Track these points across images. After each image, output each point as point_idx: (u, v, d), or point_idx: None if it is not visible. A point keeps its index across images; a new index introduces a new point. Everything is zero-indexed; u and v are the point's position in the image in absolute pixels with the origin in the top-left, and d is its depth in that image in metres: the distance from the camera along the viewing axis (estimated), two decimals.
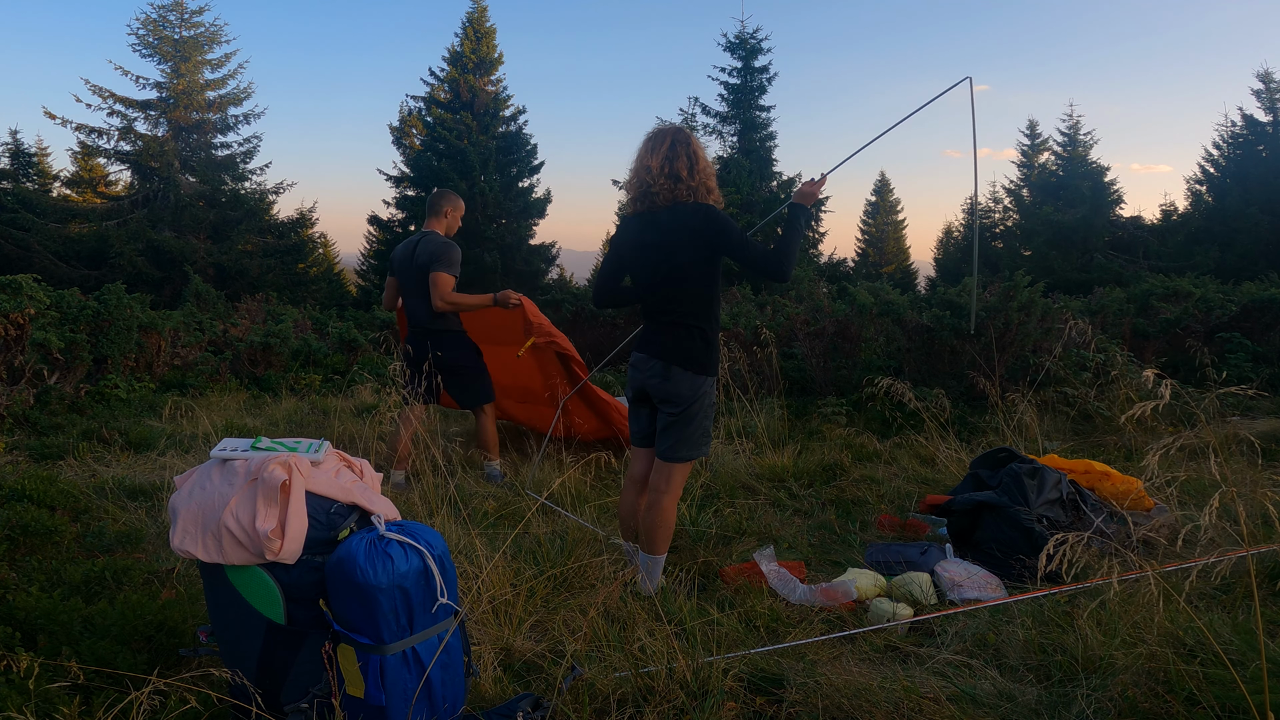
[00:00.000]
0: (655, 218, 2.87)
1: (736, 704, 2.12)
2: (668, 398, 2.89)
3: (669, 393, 2.88)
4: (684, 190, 2.85)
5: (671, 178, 2.84)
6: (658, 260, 2.87)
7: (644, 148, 2.92)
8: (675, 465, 2.91)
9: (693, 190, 2.86)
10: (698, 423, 2.91)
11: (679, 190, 2.84)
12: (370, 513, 2.01)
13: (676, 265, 2.83)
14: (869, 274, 27.39)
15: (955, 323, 6.28)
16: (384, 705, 1.86)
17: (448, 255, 4.26)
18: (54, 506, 3.35)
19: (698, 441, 2.93)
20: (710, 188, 2.90)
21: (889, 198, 41.98)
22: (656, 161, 2.85)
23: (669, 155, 2.85)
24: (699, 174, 2.87)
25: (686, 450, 2.91)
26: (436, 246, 4.29)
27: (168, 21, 20.64)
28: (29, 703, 1.90)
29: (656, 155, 2.86)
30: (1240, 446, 4.71)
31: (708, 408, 2.93)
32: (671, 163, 2.84)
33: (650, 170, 2.86)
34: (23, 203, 18.27)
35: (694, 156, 2.87)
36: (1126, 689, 2.03)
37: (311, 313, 13.03)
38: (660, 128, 2.93)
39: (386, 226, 21.94)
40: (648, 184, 2.87)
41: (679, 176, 2.84)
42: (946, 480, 4.43)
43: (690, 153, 2.86)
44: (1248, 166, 21.60)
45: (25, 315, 5.71)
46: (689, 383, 2.86)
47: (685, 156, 2.85)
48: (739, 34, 22.24)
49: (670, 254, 2.84)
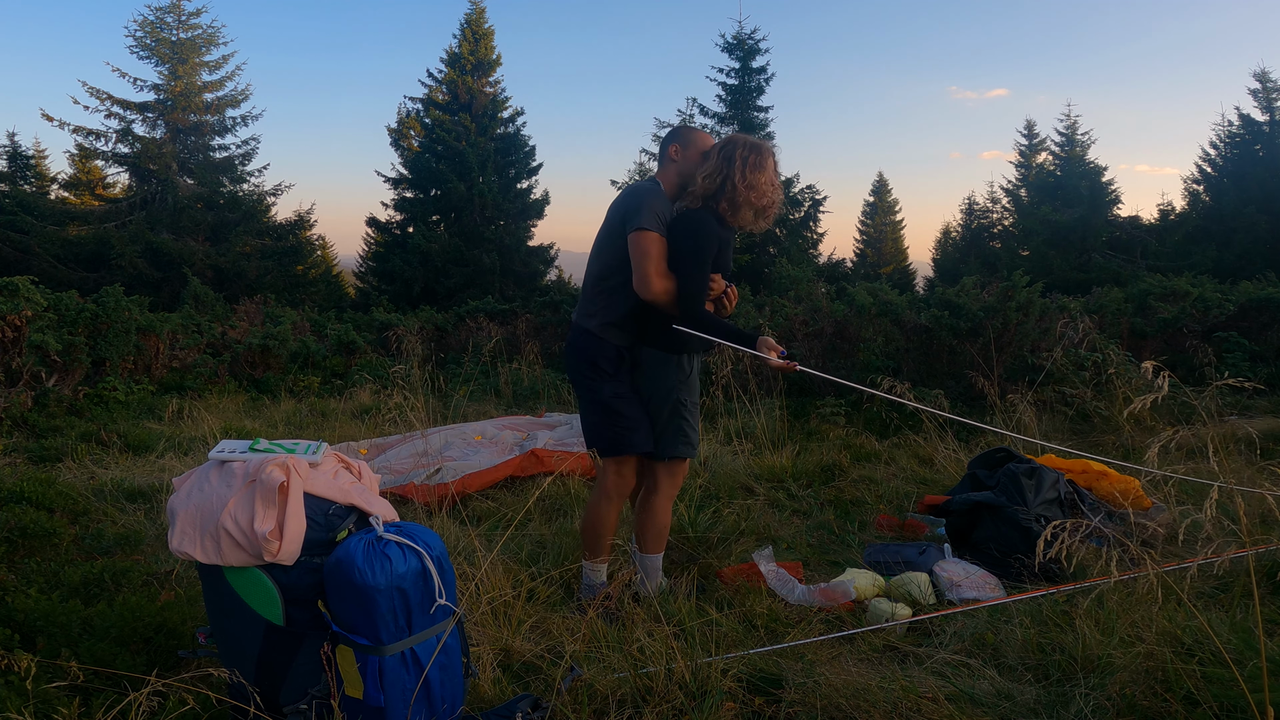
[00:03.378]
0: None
1: (735, 704, 2.12)
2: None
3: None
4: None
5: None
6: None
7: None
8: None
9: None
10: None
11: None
12: (368, 514, 2.02)
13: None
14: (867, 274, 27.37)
15: (954, 323, 6.29)
16: (382, 706, 1.86)
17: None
18: (53, 509, 3.35)
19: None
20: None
21: (887, 198, 42.01)
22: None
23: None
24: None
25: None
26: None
27: (165, 23, 20.61)
28: (28, 703, 1.90)
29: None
30: (1238, 445, 4.72)
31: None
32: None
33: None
34: (21, 205, 18.25)
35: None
36: (1125, 688, 2.03)
37: (310, 315, 13.02)
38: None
39: (385, 228, 21.92)
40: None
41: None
42: (945, 480, 4.43)
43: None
44: (1245, 166, 21.63)
45: (22, 317, 5.71)
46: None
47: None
48: (737, 34, 22.24)
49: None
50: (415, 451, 4.79)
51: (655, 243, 2.71)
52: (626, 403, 2.82)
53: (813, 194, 22.15)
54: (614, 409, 2.81)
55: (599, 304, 2.86)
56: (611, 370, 2.83)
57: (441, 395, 7.08)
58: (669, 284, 2.72)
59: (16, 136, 20.75)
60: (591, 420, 2.88)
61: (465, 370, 8.50)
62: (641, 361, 2.84)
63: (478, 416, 6.44)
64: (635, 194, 2.82)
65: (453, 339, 10.82)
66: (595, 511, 2.86)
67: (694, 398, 2.91)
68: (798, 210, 21.96)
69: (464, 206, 20.16)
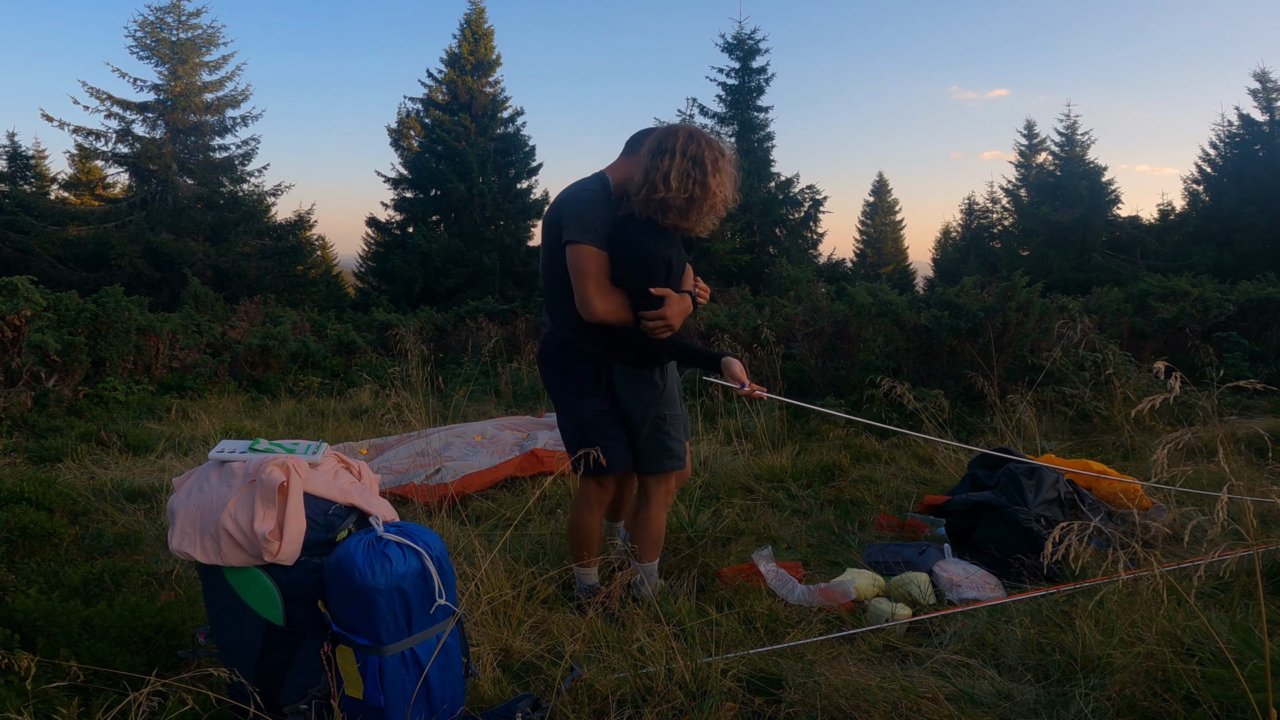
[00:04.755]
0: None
1: (735, 704, 2.12)
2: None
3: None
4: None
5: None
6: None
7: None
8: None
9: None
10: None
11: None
12: (368, 514, 2.01)
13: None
14: (867, 274, 27.42)
15: (954, 323, 6.29)
16: (382, 706, 1.86)
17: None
18: (52, 509, 3.35)
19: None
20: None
21: (887, 198, 42.05)
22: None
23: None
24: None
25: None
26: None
27: (165, 24, 20.64)
28: (28, 703, 1.90)
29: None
30: (1239, 445, 4.72)
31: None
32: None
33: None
34: (21, 205, 18.28)
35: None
36: (1125, 688, 2.03)
37: (310, 315, 13.03)
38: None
39: (385, 228, 21.93)
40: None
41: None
42: (945, 480, 4.43)
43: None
44: (1245, 166, 21.65)
45: (22, 317, 5.71)
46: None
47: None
48: (737, 34, 22.26)
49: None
50: (415, 451, 4.79)
51: (591, 258, 2.51)
52: (607, 420, 2.71)
53: (813, 194, 22.18)
54: (594, 427, 2.69)
55: (563, 309, 2.69)
56: (590, 382, 2.72)
57: (441, 395, 7.08)
58: (613, 303, 2.54)
59: (16, 136, 20.83)
60: (570, 429, 2.77)
61: (465, 370, 8.50)
62: (615, 377, 2.73)
63: (477, 417, 6.44)
64: (565, 199, 2.64)
65: (452, 339, 10.82)
66: (577, 520, 2.83)
67: (674, 409, 2.80)
68: (798, 210, 21.98)
69: (464, 207, 20.18)
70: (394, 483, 4.19)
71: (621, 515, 3.22)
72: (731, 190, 2.60)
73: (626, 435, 2.76)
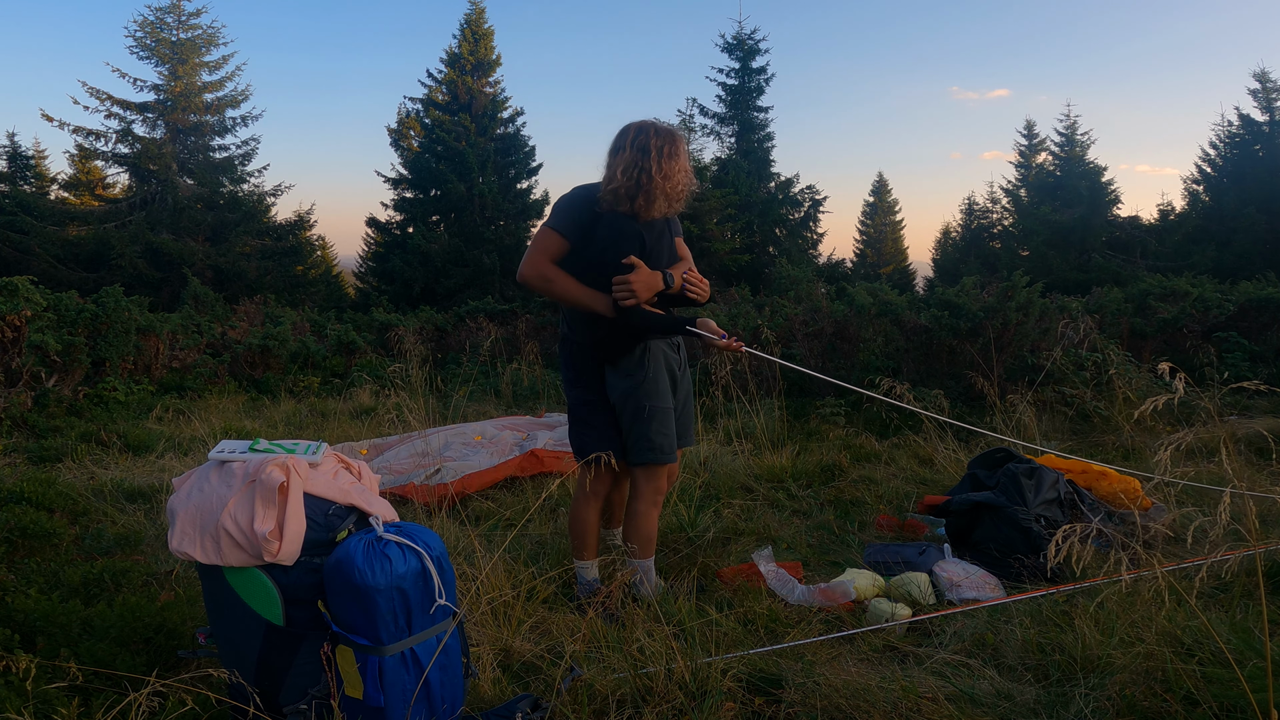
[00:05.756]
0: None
1: (735, 704, 2.12)
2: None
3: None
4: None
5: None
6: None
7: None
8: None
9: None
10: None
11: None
12: (368, 514, 2.02)
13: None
14: (867, 274, 27.40)
15: (954, 323, 6.29)
16: (382, 706, 1.86)
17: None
18: (52, 509, 3.35)
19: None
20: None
21: (887, 198, 42.04)
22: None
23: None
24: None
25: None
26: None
27: (165, 24, 20.61)
28: (28, 703, 1.90)
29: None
30: (1239, 445, 4.72)
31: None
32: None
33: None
34: (21, 206, 18.25)
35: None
36: (1125, 688, 2.03)
37: (310, 315, 13.02)
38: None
39: (385, 228, 21.92)
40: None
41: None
42: (945, 480, 4.43)
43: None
44: (1245, 166, 21.64)
45: (22, 317, 5.71)
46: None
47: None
48: (737, 35, 22.28)
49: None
50: (415, 452, 4.79)
51: (546, 236, 2.76)
52: (591, 409, 2.87)
53: (813, 194, 22.20)
54: (579, 416, 2.91)
55: (564, 306, 2.90)
56: (582, 373, 2.88)
57: (441, 395, 7.08)
58: (537, 272, 2.72)
59: (16, 136, 20.81)
60: (570, 422, 2.99)
61: (465, 370, 8.50)
62: (605, 367, 2.88)
63: (477, 417, 6.43)
64: (562, 197, 2.87)
65: (452, 339, 10.82)
66: (575, 510, 2.94)
67: (661, 401, 2.80)
68: (798, 210, 22.00)
69: (464, 207, 20.17)
70: (394, 483, 4.19)
71: (616, 520, 3.24)
72: (684, 174, 2.75)
73: (611, 424, 2.87)
